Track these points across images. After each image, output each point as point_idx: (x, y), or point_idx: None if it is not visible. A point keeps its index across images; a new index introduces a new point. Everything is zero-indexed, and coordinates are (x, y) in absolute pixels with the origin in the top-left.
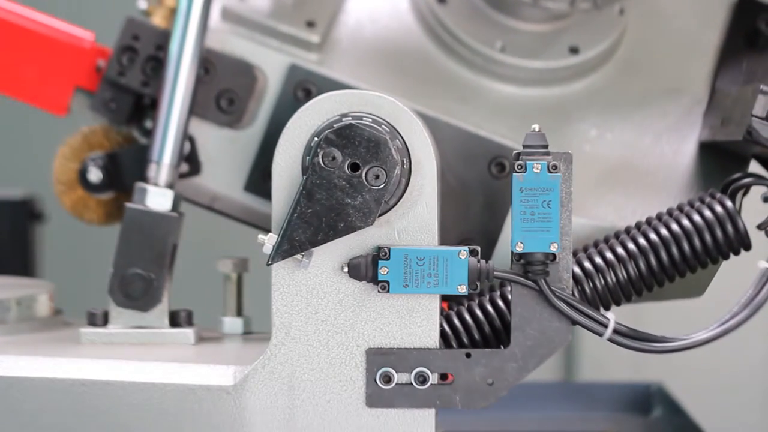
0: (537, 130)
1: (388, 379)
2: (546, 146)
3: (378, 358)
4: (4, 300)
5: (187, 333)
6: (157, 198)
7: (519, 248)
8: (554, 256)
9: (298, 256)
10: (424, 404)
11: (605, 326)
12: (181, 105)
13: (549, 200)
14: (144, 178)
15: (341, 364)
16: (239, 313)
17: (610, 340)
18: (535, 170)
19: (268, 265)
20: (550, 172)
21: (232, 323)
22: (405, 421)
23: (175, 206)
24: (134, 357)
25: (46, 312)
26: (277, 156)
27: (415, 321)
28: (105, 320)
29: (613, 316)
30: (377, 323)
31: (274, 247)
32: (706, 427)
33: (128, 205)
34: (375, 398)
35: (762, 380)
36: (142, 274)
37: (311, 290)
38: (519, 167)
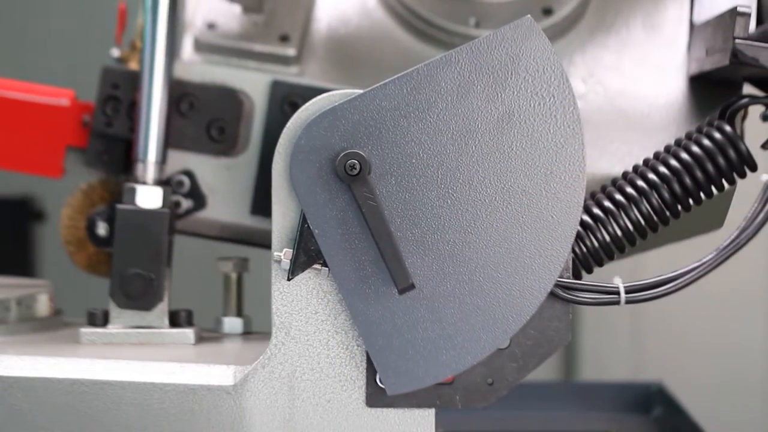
0: None
1: None
2: None
3: None
4: (4, 300)
5: (187, 333)
6: (147, 196)
7: None
8: None
9: (317, 266)
10: (424, 404)
11: (617, 294)
12: (160, 99)
13: None
14: (132, 178)
15: (341, 364)
16: (239, 313)
17: (629, 302)
18: None
19: (288, 279)
20: None
21: (232, 323)
22: (405, 421)
23: (166, 202)
24: (134, 357)
25: (46, 312)
26: (277, 156)
27: None
28: (105, 320)
29: (619, 279)
30: None
31: (291, 260)
32: (706, 427)
33: (119, 206)
34: (375, 398)
35: (762, 380)
36: (141, 273)
37: (311, 290)
38: None
